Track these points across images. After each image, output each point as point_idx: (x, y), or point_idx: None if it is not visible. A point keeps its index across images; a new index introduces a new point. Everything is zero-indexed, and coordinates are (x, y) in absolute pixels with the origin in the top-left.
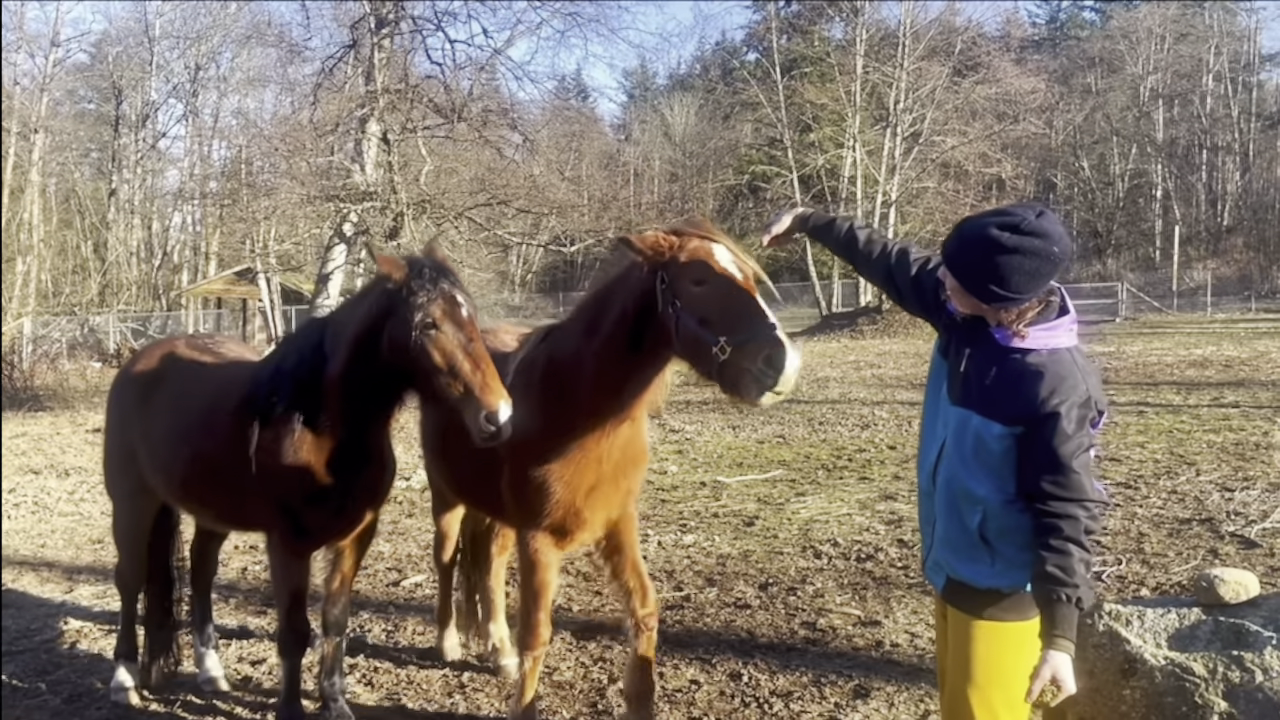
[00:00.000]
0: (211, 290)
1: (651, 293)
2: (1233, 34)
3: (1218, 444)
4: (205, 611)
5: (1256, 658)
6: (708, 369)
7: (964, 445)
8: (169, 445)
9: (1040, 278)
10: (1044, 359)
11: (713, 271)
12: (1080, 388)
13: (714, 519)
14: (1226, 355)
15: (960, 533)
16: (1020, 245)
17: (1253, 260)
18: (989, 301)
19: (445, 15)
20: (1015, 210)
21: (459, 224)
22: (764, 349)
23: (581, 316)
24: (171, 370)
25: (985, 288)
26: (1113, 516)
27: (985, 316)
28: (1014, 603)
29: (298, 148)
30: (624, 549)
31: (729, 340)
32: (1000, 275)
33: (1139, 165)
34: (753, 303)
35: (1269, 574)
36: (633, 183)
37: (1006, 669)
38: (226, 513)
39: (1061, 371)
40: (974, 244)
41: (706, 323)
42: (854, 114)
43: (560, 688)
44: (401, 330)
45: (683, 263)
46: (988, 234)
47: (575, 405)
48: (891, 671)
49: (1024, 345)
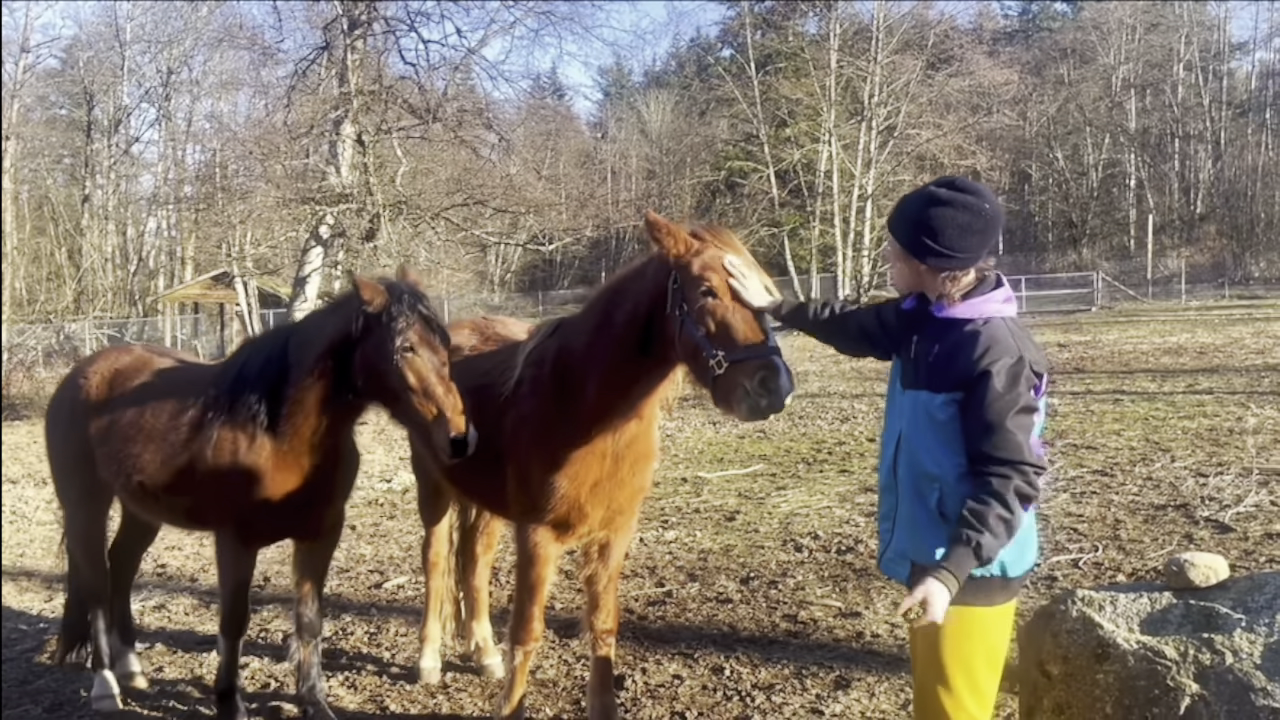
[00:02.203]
0: (188, 295)
1: (664, 292)
2: (1203, 23)
3: (1192, 430)
4: (126, 613)
5: (1226, 640)
6: (703, 379)
7: (918, 425)
8: (128, 445)
9: (970, 234)
10: (978, 326)
11: (723, 284)
12: (1012, 349)
13: (695, 514)
14: (1201, 342)
15: (922, 514)
16: (953, 199)
17: (1226, 247)
18: (923, 257)
19: (418, 16)
20: (953, 177)
21: (436, 224)
22: (760, 370)
23: (594, 310)
24: (129, 373)
25: (919, 240)
26: (1089, 504)
27: (925, 290)
28: (975, 586)
29: (272, 150)
30: (609, 559)
31: (727, 356)
32: (932, 227)
33: (1112, 155)
34: (756, 322)
35: (1243, 557)
36: (610, 180)
37: (968, 653)
38: (181, 512)
39: (994, 335)
40: (912, 201)
41: (708, 334)
42: (829, 108)
43: (543, 686)
44: (378, 352)
45: (695, 270)
46: (924, 191)
47: (583, 400)
48: (872, 662)
49: (959, 314)
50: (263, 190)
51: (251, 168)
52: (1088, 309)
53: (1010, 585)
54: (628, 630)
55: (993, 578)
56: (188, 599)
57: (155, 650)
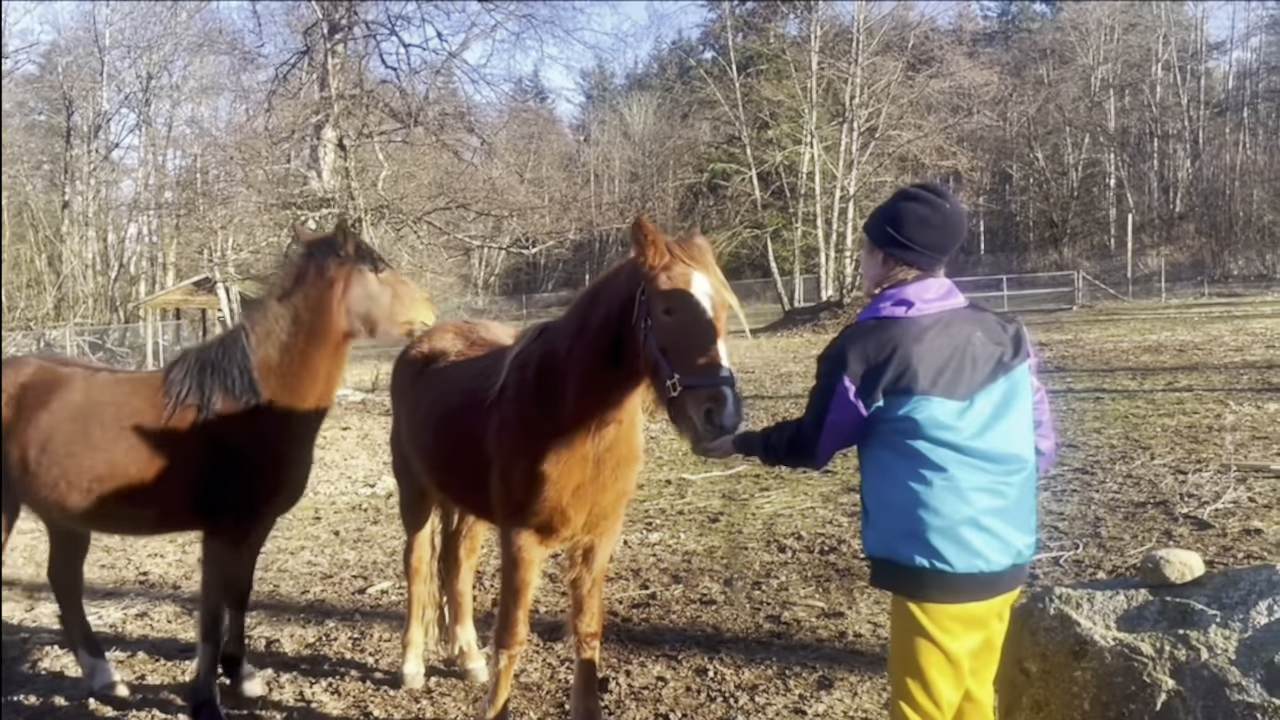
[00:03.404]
0: (170, 301)
1: (632, 300)
2: (1180, 23)
3: (1172, 428)
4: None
5: (1201, 636)
6: (661, 396)
7: None
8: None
9: (928, 227)
10: (856, 322)
11: (685, 304)
12: (831, 348)
13: (679, 516)
14: (1180, 340)
15: (863, 508)
16: (918, 195)
17: (1205, 246)
18: (884, 245)
19: (399, 19)
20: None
21: (418, 228)
22: (707, 402)
23: (574, 314)
24: (38, 388)
25: (883, 229)
26: (1069, 502)
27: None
28: (901, 572)
29: (253, 155)
30: (593, 563)
31: (681, 379)
32: (897, 216)
33: (1092, 155)
34: (713, 348)
35: (1221, 553)
36: (593, 183)
37: (911, 648)
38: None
39: (852, 328)
40: (887, 201)
41: (667, 353)
42: (811, 110)
43: (528, 689)
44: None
45: (661, 285)
46: (899, 191)
47: (564, 404)
48: (855, 662)
49: (862, 316)
50: (244, 195)
51: (233, 173)
52: (1069, 308)
53: (951, 584)
54: (612, 632)
55: (920, 568)
56: (170, 606)
57: (137, 658)
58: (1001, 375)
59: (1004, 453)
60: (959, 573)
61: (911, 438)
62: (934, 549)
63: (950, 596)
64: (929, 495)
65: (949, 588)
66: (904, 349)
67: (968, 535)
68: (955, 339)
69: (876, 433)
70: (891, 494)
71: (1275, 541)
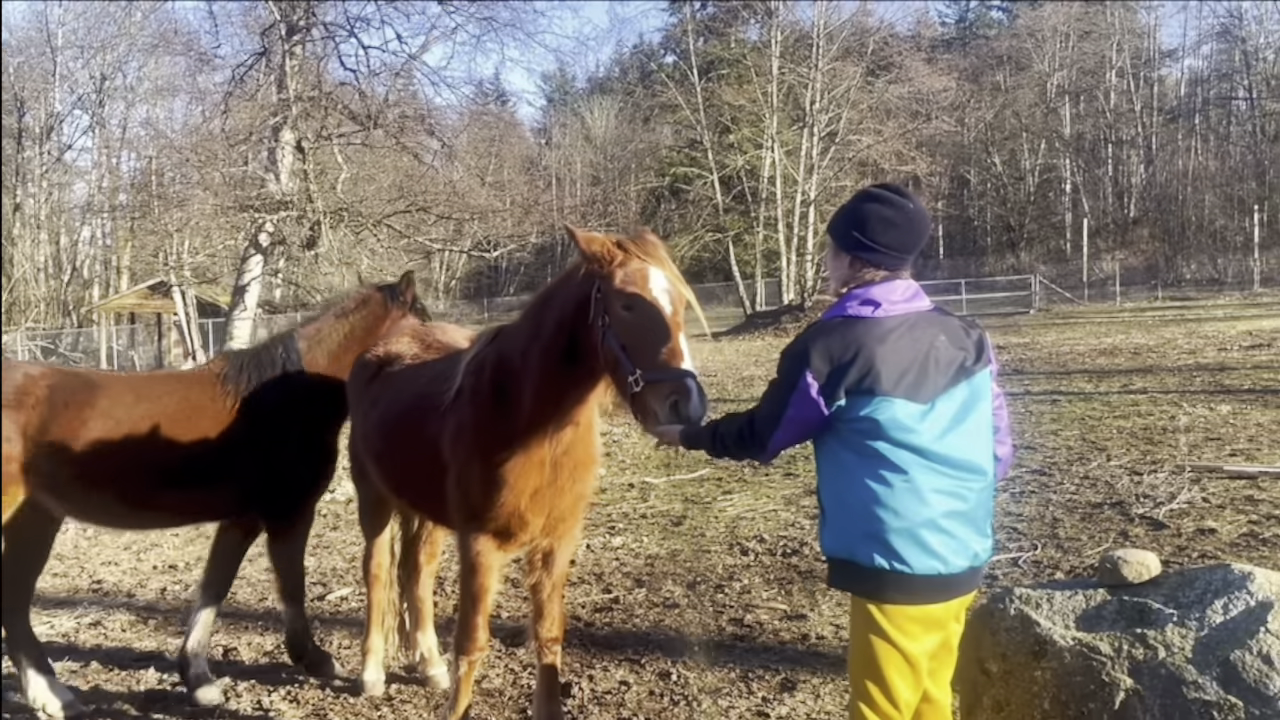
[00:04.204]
0: (124, 305)
1: (588, 300)
2: (1133, 31)
3: (1127, 429)
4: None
5: (1158, 635)
6: (623, 392)
7: None
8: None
9: (892, 227)
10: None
11: (644, 300)
12: (794, 345)
13: (642, 520)
14: (1135, 343)
15: (821, 510)
16: (883, 197)
17: (1158, 250)
18: (849, 248)
19: (358, 21)
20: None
21: (378, 232)
22: (672, 394)
23: (528, 317)
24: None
25: (849, 233)
26: (1028, 503)
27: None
28: (858, 573)
29: (210, 157)
30: (553, 567)
31: (643, 375)
32: (861, 218)
33: (1048, 160)
34: (674, 342)
35: (1176, 553)
36: (554, 186)
37: (864, 644)
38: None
39: (816, 326)
40: (849, 202)
41: (627, 349)
42: (771, 115)
43: (489, 695)
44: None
45: (617, 282)
46: (860, 192)
47: (519, 408)
48: (817, 663)
49: (825, 316)
50: (200, 198)
51: (188, 175)
52: (1026, 311)
53: (910, 586)
54: (574, 637)
55: (879, 569)
56: (124, 615)
57: (90, 669)
58: (963, 380)
59: (964, 458)
60: (918, 574)
61: (872, 439)
62: (893, 550)
63: (909, 598)
64: (889, 496)
65: (907, 589)
66: (869, 349)
67: (927, 537)
68: (920, 342)
69: (836, 432)
70: (851, 495)
71: (1229, 541)
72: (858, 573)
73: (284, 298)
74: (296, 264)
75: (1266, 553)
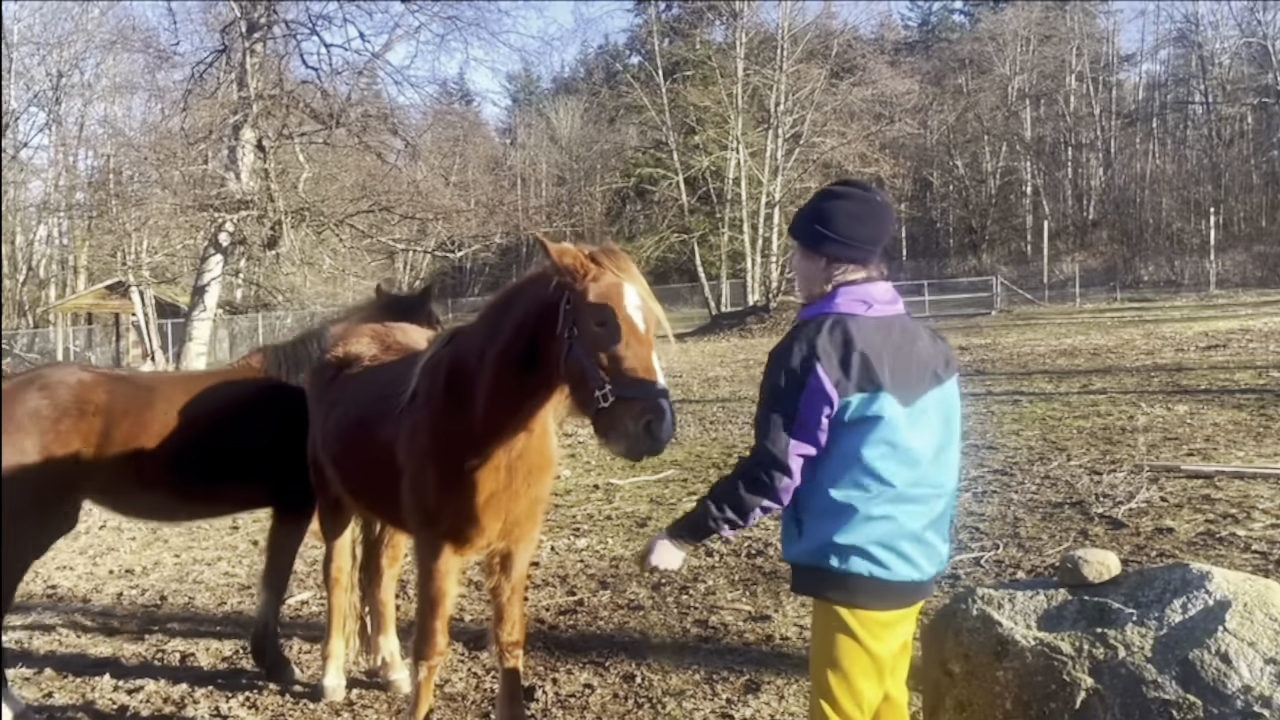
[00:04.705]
0: (81, 306)
1: (553, 310)
2: (1092, 35)
3: (1087, 429)
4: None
5: (1118, 634)
6: (587, 407)
7: None
8: None
9: (861, 221)
10: (801, 322)
11: (617, 316)
12: (791, 344)
13: (607, 521)
14: (1094, 344)
15: (786, 514)
16: (844, 193)
17: (1117, 252)
18: (819, 246)
19: (320, 19)
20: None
21: (340, 231)
22: (646, 414)
23: (485, 320)
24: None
25: (815, 230)
26: (990, 503)
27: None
28: (834, 580)
29: (169, 156)
30: (512, 570)
31: (614, 390)
32: (825, 215)
33: (1009, 163)
34: (648, 360)
35: (1135, 552)
36: (519, 187)
37: (835, 652)
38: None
39: (801, 329)
40: (808, 202)
41: (598, 364)
42: (736, 116)
43: (452, 700)
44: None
45: (592, 297)
46: (821, 191)
47: (473, 412)
48: (782, 664)
49: (803, 315)
50: (159, 196)
51: (147, 174)
52: (987, 312)
53: (884, 591)
54: (539, 640)
55: (857, 575)
56: (80, 620)
57: (44, 675)
58: (936, 386)
59: (941, 465)
60: (895, 581)
61: (861, 442)
62: (875, 558)
63: (883, 603)
64: (870, 504)
65: (883, 595)
66: (873, 345)
67: (905, 545)
68: (902, 343)
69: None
70: (831, 500)
71: (1186, 540)
72: (831, 579)
73: (245, 298)
74: (257, 264)
75: (1223, 551)
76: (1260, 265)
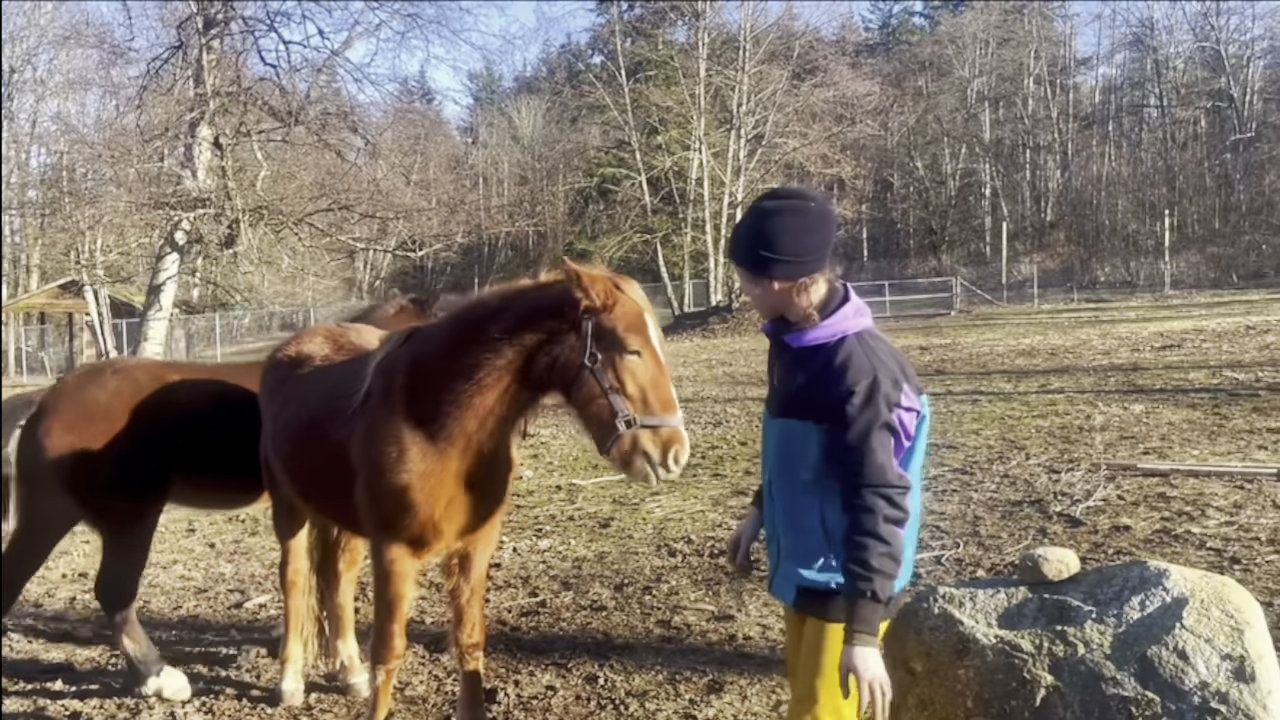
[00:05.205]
0: (33, 305)
1: (562, 331)
2: (1050, 39)
3: (1045, 429)
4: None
5: (1078, 632)
6: (602, 430)
7: (788, 454)
8: None
9: (803, 233)
10: (835, 349)
11: (647, 344)
12: (866, 367)
13: (570, 522)
14: (1052, 344)
15: (804, 539)
16: (777, 207)
17: (1074, 253)
18: (767, 270)
19: (278, 16)
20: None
21: (299, 230)
22: (672, 442)
23: (462, 325)
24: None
25: (757, 254)
26: (950, 502)
27: (785, 312)
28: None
29: (124, 153)
30: (470, 572)
31: (641, 418)
32: (766, 238)
33: (969, 164)
34: (670, 390)
35: (1093, 550)
36: (481, 186)
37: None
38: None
39: (850, 355)
40: (741, 224)
41: (622, 392)
42: (699, 117)
43: (413, 703)
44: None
45: (621, 326)
46: (750, 210)
47: (437, 415)
48: (744, 664)
49: (815, 340)
50: (113, 194)
51: (101, 171)
52: (947, 313)
53: (897, 602)
54: (500, 642)
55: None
56: (32, 625)
57: None
58: None
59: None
60: (901, 590)
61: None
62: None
63: (890, 613)
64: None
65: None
66: (898, 355)
67: (910, 554)
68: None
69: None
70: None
71: (1143, 538)
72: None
73: (202, 297)
74: (215, 263)
75: (1179, 549)
76: (1214, 266)
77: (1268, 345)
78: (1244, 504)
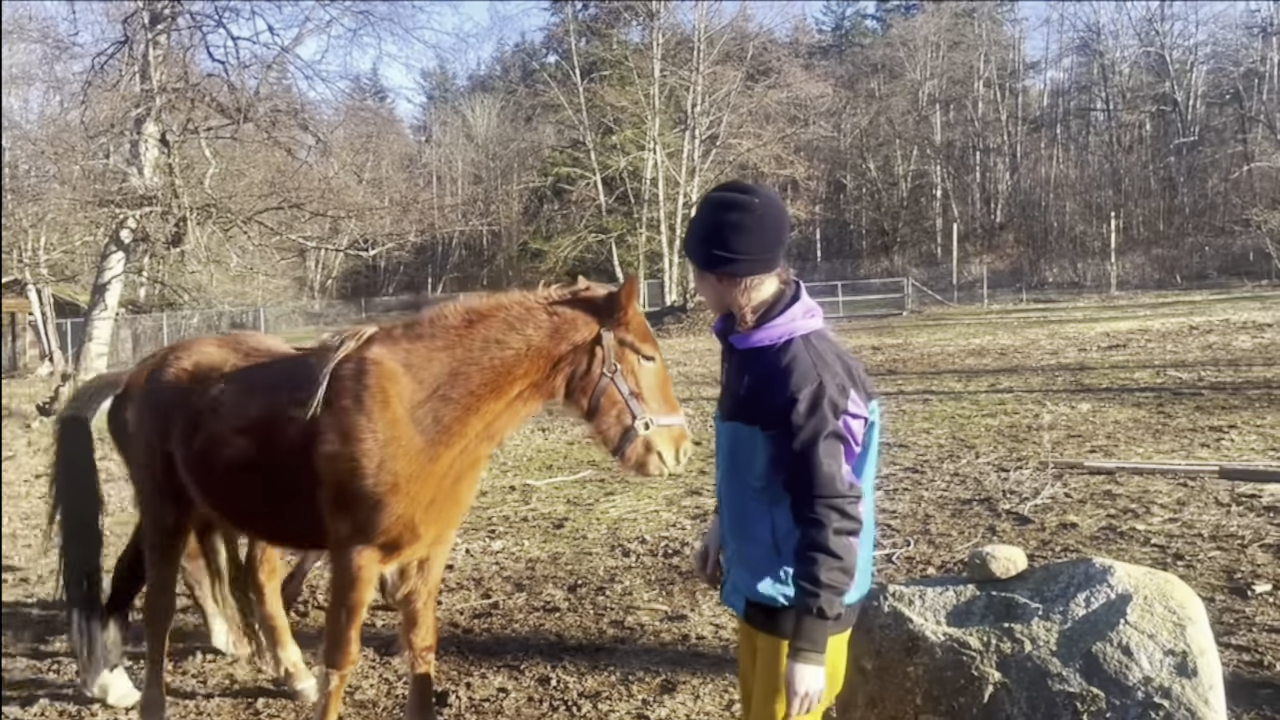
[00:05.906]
0: None
1: (595, 344)
2: (1000, 43)
3: (994, 427)
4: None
5: (1025, 629)
6: (617, 436)
7: (736, 458)
8: None
9: (747, 231)
10: (777, 353)
11: (658, 351)
12: (810, 374)
13: (523, 523)
14: (1001, 344)
15: (753, 547)
16: (733, 202)
17: (1023, 254)
18: (714, 267)
19: (226, 11)
20: (727, 182)
21: (249, 229)
22: (682, 439)
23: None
24: None
25: (709, 253)
26: (901, 500)
27: (731, 308)
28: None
29: (67, 150)
30: (429, 575)
31: (656, 419)
32: (720, 234)
33: (920, 166)
34: (671, 389)
35: (1040, 547)
36: (435, 185)
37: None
38: None
39: (791, 363)
40: (694, 219)
41: (639, 396)
42: (653, 117)
43: (363, 707)
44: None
45: (638, 335)
46: (702, 204)
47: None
48: (697, 664)
49: (759, 342)
50: (57, 192)
51: (44, 168)
52: (899, 313)
53: (853, 611)
54: (452, 644)
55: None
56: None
57: None
58: None
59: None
60: (852, 602)
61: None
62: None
63: (838, 626)
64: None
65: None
66: (848, 359)
67: (866, 560)
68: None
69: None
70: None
71: (1089, 535)
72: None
73: (149, 297)
74: (161, 262)
75: (1124, 545)
76: (1158, 268)
77: (1210, 345)
78: (1187, 501)
